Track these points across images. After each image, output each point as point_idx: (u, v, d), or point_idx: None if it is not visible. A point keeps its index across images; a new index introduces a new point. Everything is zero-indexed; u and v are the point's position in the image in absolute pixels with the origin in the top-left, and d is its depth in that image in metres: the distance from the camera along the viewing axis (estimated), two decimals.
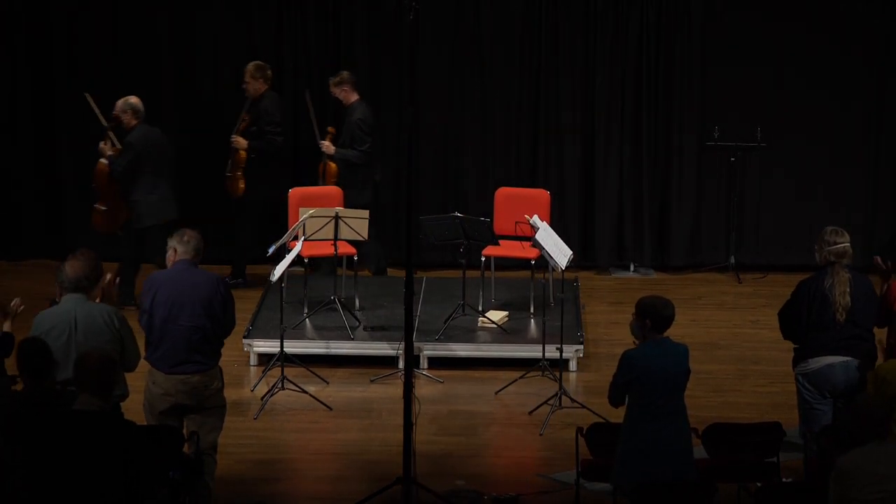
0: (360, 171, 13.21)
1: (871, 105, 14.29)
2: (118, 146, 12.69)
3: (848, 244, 9.08)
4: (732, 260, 14.38)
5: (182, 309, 8.63)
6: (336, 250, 11.95)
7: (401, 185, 14.14)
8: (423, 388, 11.05)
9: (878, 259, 9.48)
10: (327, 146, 13.22)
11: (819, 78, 14.21)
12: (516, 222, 11.90)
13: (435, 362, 11.71)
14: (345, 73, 13.28)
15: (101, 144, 12.75)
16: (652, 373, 7.93)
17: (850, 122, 14.29)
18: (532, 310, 12.41)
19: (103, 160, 12.71)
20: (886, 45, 14.18)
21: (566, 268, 11.08)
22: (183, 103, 14.25)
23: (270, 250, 11.35)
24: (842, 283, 8.97)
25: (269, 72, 13.32)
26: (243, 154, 13.24)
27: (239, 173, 13.29)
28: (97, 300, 8.54)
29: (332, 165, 13.22)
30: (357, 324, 12.05)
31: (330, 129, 13.31)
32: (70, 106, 14.16)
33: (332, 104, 13.63)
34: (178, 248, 8.75)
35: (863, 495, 6.92)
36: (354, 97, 13.26)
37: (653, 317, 7.99)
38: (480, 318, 12.15)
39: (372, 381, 11.44)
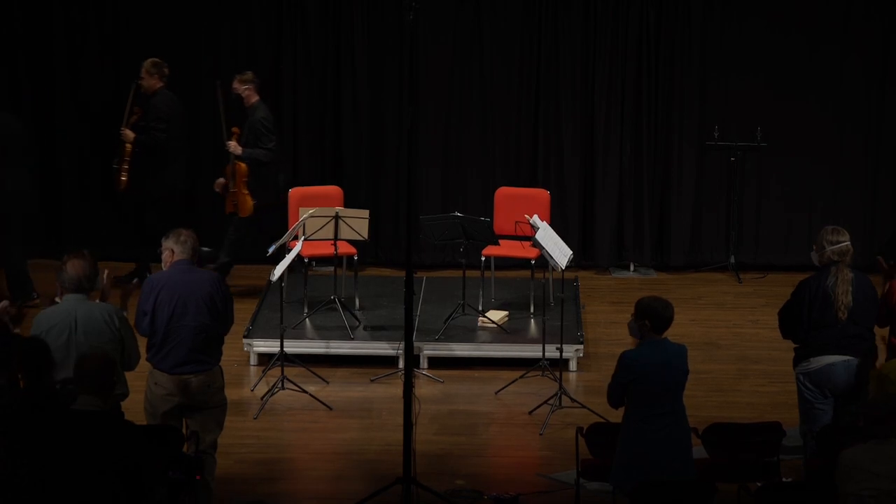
0: (263, 170, 13.11)
1: (872, 104, 14.28)
2: None
3: (849, 242, 9.08)
4: (732, 260, 14.38)
5: (186, 309, 8.63)
6: (336, 250, 11.95)
7: (401, 185, 14.15)
8: (423, 388, 11.06)
9: (881, 259, 9.49)
10: (234, 146, 13.03)
11: (819, 77, 14.21)
12: (516, 222, 11.90)
13: (435, 362, 11.71)
14: (250, 73, 13.17)
15: None
16: (651, 374, 7.93)
17: (850, 122, 14.29)
18: (532, 310, 12.41)
19: None
20: (886, 44, 14.18)
21: (566, 267, 11.08)
22: (182, 104, 14.24)
23: (270, 250, 11.35)
24: (845, 281, 8.97)
25: (165, 69, 13.23)
26: (129, 147, 13.19)
27: (125, 166, 13.21)
28: (97, 299, 8.55)
29: (242, 166, 13.03)
30: (357, 324, 12.05)
31: (234, 129, 13.11)
32: (70, 107, 14.19)
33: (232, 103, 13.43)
34: (175, 249, 8.74)
35: (857, 490, 6.95)
36: (256, 98, 13.12)
37: (652, 317, 7.99)
38: (480, 318, 12.15)
39: (372, 380, 11.44)
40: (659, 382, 7.95)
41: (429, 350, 11.71)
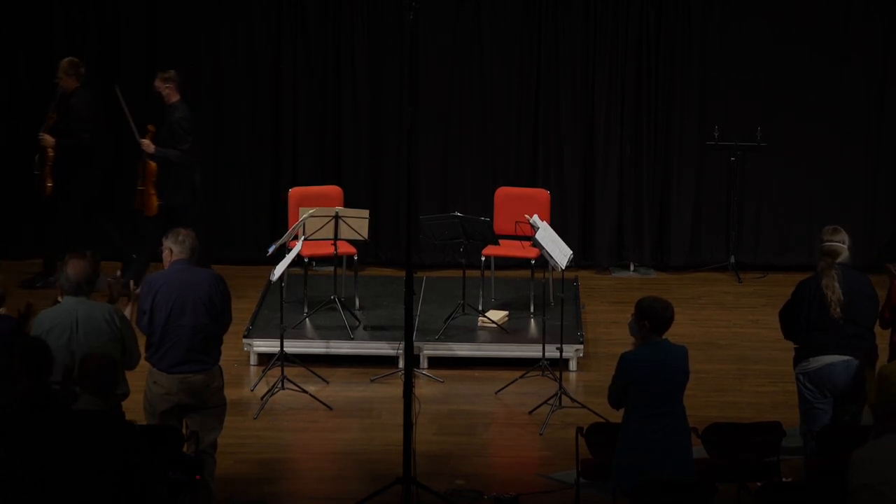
0: (178, 171, 12.95)
1: (873, 105, 14.29)
2: None
3: (839, 243, 9.07)
4: (732, 260, 14.38)
5: (184, 309, 8.61)
6: (336, 250, 11.95)
7: (401, 185, 14.15)
8: (423, 388, 11.05)
9: (891, 266, 9.50)
10: (147, 144, 12.90)
11: (819, 77, 14.21)
12: (516, 222, 11.90)
13: (435, 362, 11.71)
14: (172, 72, 12.98)
15: None
16: (650, 375, 7.92)
17: (851, 122, 14.29)
18: (532, 309, 12.42)
19: None
20: (886, 44, 14.18)
21: (566, 267, 11.08)
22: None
23: (270, 250, 11.34)
24: (828, 278, 8.98)
25: (82, 69, 13.16)
26: (51, 152, 13.07)
27: (47, 171, 13.10)
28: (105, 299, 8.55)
29: (153, 164, 12.91)
30: (357, 323, 12.06)
31: (150, 127, 12.98)
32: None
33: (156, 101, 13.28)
34: (173, 249, 8.73)
35: (869, 481, 6.99)
36: (177, 97, 12.96)
37: (652, 318, 7.98)
38: (480, 318, 12.15)
39: (372, 380, 11.44)
40: (659, 383, 7.94)
41: (429, 350, 11.71)
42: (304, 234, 11.65)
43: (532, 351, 11.58)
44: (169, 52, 14.19)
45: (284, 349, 11.17)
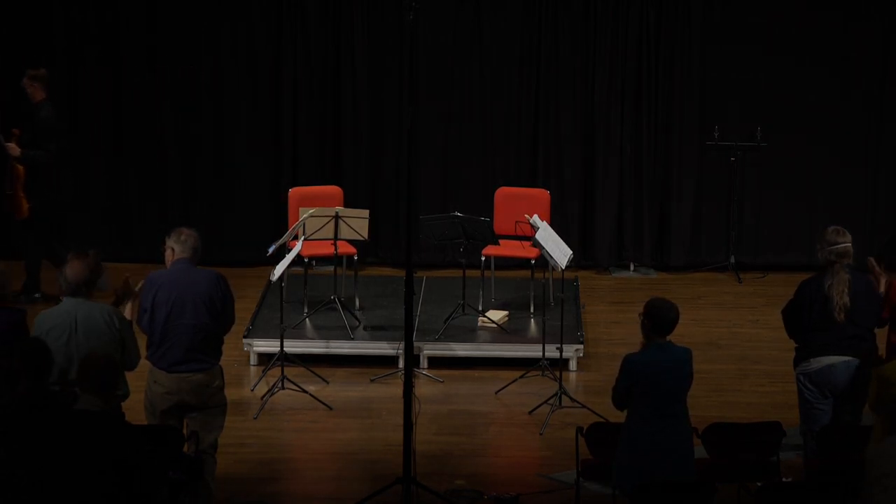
0: (43, 172, 12.74)
1: (872, 105, 14.29)
2: None
3: (849, 244, 9.07)
4: (732, 260, 14.39)
5: (184, 308, 8.61)
6: (336, 250, 11.95)
7: (401, 185, 14.15)
8: (423, 388, 11.06)
9: (872, 260, 9.47)
10: (12, 148, 12.69)
11: (819, 77, 14.22)
12: (516, 222, 11.90)
13: (435, 362, 11.72)
14: (43, 71, 12.80)
15: None
16: (653, 377, 7.91)
17: (851, 122, 14.30)
18: (532, 309, 12.42)
19: None
20: (886, 44, 14.18)
21: (566, 267, 11.08)
22: (181, 104, 14.24)
23: (270, 250, 11.34)
24: (841, 282, 8.97)
25: None
26: None
27: None
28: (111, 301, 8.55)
29: (20, 168, 12.70)
30: (357, 323, 12.06)
31: (14, 130, 12.78)
32: (70, 107, 14.17)
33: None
34: (175, 248, 8.72)
35: (879, 474, 7.01)
36: (42, 95, 12.75)
37: (654, 319, 7.96)
38: (480, 318, 12.15)
39: (372, 380, 11.44)
40: (661, 386, 7.92)
41: (429, 350, 11.71)
42: (304, 234, 11.65)
43: (532, 351, 11.58)
44: (169, 52, 14.19)
45: (284, 349, 11.17)
